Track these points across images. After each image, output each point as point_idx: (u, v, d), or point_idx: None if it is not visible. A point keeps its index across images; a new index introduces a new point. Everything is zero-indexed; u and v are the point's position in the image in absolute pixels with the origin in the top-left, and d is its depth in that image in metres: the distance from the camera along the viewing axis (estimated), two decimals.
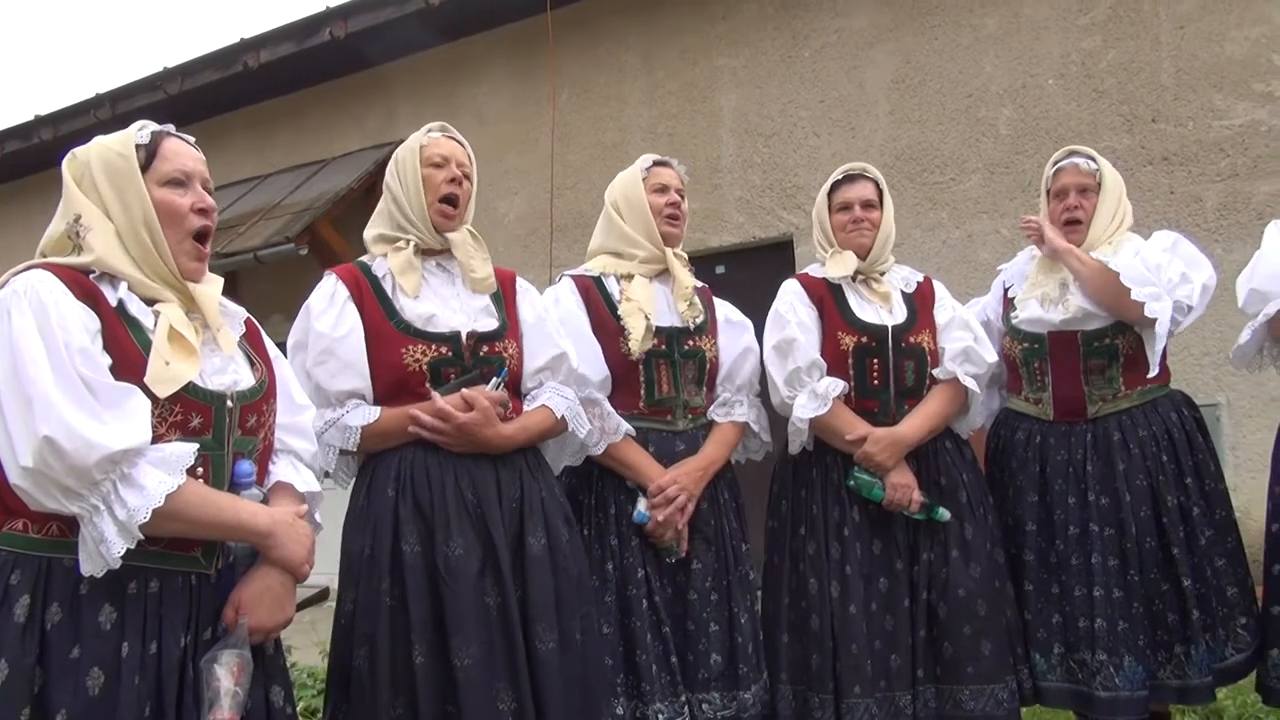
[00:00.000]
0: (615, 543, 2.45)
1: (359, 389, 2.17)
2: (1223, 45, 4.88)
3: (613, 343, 2.50)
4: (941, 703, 2.54)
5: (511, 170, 7.07)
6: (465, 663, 1.99)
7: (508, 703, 2.01)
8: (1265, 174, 4.73)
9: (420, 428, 2.11)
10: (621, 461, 2.47)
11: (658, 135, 6.46)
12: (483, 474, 2.14)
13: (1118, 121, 5.11)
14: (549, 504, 2.22)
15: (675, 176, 2.68)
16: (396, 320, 2.18)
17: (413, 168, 2.29)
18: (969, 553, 2.59)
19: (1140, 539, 2.59)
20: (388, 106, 7.64)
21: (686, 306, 2.57)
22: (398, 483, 2.12)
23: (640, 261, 2.60)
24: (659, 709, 2.35)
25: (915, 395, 2.65)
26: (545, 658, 2.07)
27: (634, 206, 2.62)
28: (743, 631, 2.49)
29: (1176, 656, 2.58)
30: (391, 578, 2.05)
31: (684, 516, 2.44)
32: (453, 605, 2.02)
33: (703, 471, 2.51)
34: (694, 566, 2.49)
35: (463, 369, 2.18)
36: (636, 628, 2.39)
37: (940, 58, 5.61)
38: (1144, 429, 2.64)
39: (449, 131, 2.38)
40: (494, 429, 2.14)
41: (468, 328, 2.21)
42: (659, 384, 2.53)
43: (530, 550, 2.13)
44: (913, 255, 5.35)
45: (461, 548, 2.06)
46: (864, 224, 2.72)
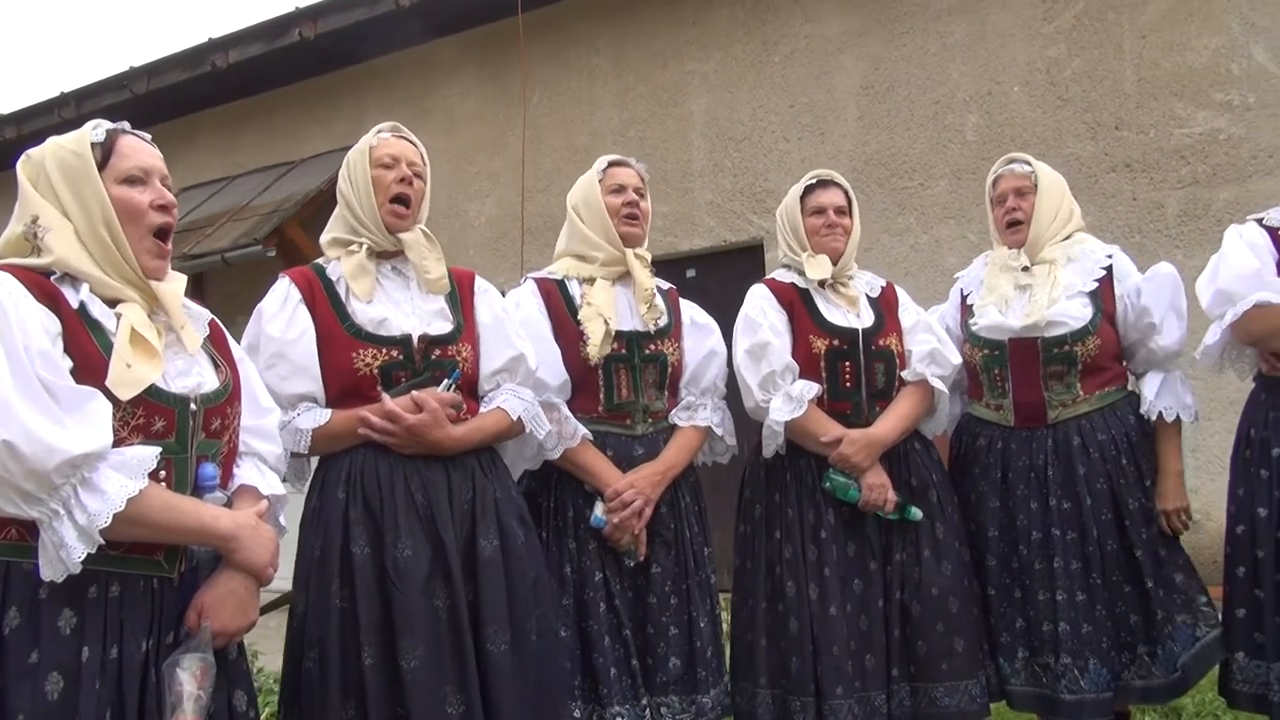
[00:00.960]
0: (573, 546, 2.46)
1: (310, 392, 2.17)
2: (1184, 55, 4.96)
3: (572, 347, 2.51)
4: (916, 701, 2.57)
5: (482, 173, 7.06)
6: (412, 664, 1.99)
7: (456, 706, 2.01)
8: (1224, 181, 4.82)
9: (370, 430, 2.11)
10: (579, 466, 2.47)
11: (629, 139, 6.47)
12: (433, 475, 2.14)
13: (1082, 129, 5.18)
14: (504, 505, 2.22)
15: (633, 176, 2.67)
16: (348, 324, 2.18)
17: (362, 169, 2.28)
18: (940, 552, 2.62)
19: (1102, 542, 2.62)
20: (357, 108, 7.60)
21: (647, 309, 2.57)
22: (348, 485, 2.12)
23: (601, 264, 2.61)
24: (618, 712, 2.36)
25: (885, 397, 2.68)
26: (497, 660, 2.07)
27: (592, 208, 2.63)
28: (702, 635, 2.49)
29: (1140, 657, 2.62)
30: (341, 580, 2.05)
31: (641, 521, 2.44)
32: (401, 607, 2.02)
33: (661, 476, 2.51)
34: (653, 570, 2.49)
35: (414, 372, 2.18)
36: (594, 631, 2.39)
37: (908, 64, 5.66)
38: (1103, 433, 2.68)
39: (399, 131, 2.37)
40: (443, 430, 2.14)
41: (420, 331, 2.21)
42: (618, 388, 2.53)
43: (482, 552, 2.13)
44: (881, 260, 5.40)
45: (410, 549, 2.06)
46: (837, 229, 2.74)
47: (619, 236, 2.61)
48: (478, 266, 6.98)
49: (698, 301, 2.85)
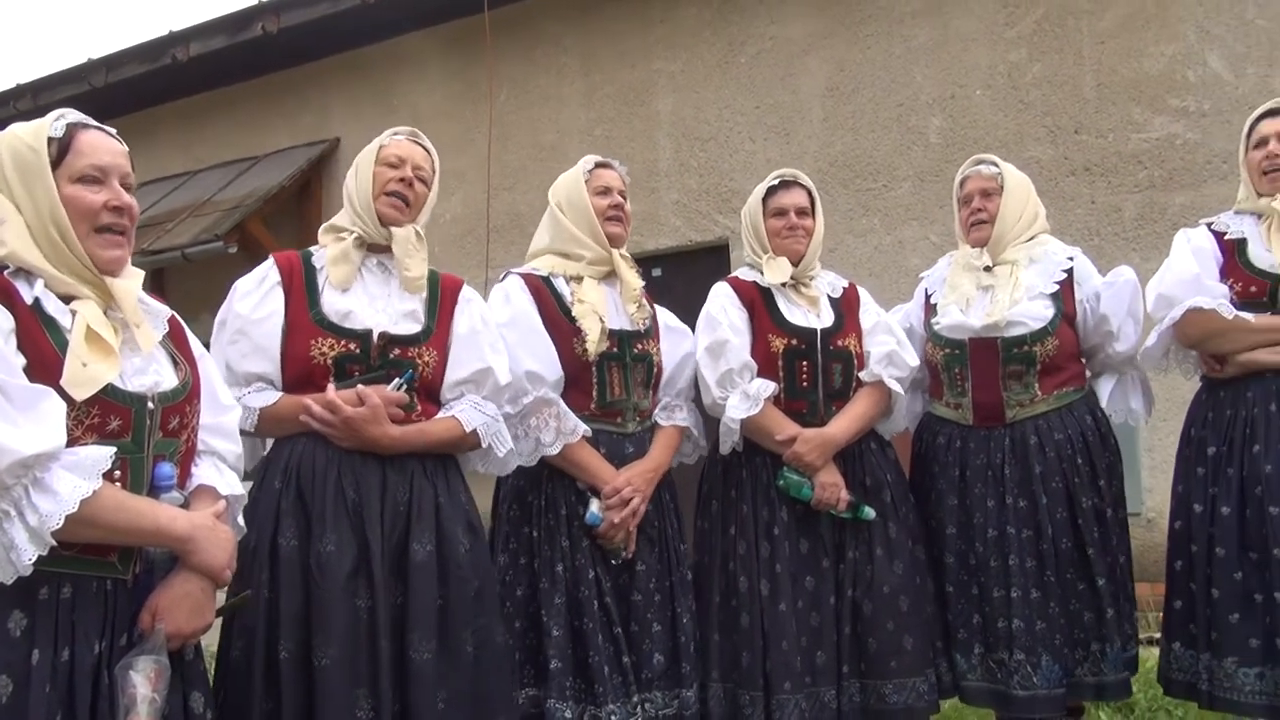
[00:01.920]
0: (566, 544, 2.45)
1: (266, 373, 2.17)
2: (1141, 61, 5.05)
3: (566, 343, 2.51)
4: (866, 697, 2.60)
5: (448, 170, 6.93)
6: (324, 662, 1.98)
7: (366, 710, 1.99)
8: (1179, 186, 4.91)
9: (310, 417, 2.10)
10: (575, 463, 2.47)
11: (595, 137, 6.47)
12: (368, 473, 2.13)
13: (1042, 132, 5.25)
14: (447, 511, 2.19)
15: (618, 178, 2.70)
16: (315, 312, 2.19)
17: (367, 165, 2.32)
18: (892, 551, 2.65)
19: (1056, 540, 2.66)
20: (322, 103, 7.53)
21: (636, 308, 2.59)
22: (284, 475, 2.11)
23: (588, 263, 2.62)
24: (612, 710, 2.36)
25: (842, 397, 2.71)
26: (419, 668, 2.04)
27: (577, 208, 2.63)
28: (684, 631, 2.52)
29: (1093, 654, 2.66)
30: (270, 571, 2.04)
31: (636, 518, 2.47)
32: (318, 602, 2.01)
33: (653, 473, 2.54)
34: (639, 568, 2.51)
35: (368, 367, 2.17)
36: (588, 629, 2.39)
37: (873, 67, 5.71)
38: (1059, 432, 2.72)
39: (416, 137, 2.38)
40: (381, 428, 2.12)
41: (383, 327, 2.20)
42: (611, 386, 2.54)
43: (414, 556, 2.11)
44: (845, 260, 5.44)
45: (334, 545, 2.05)
46: (799, 230, 2.77)
47: (606, 237, 2.62)
48: (443, 264, 6.93)
49: (663, 300, 2.86)
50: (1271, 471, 2.49)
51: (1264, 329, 2.55)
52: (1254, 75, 4.80)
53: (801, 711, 2.52)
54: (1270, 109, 2.70)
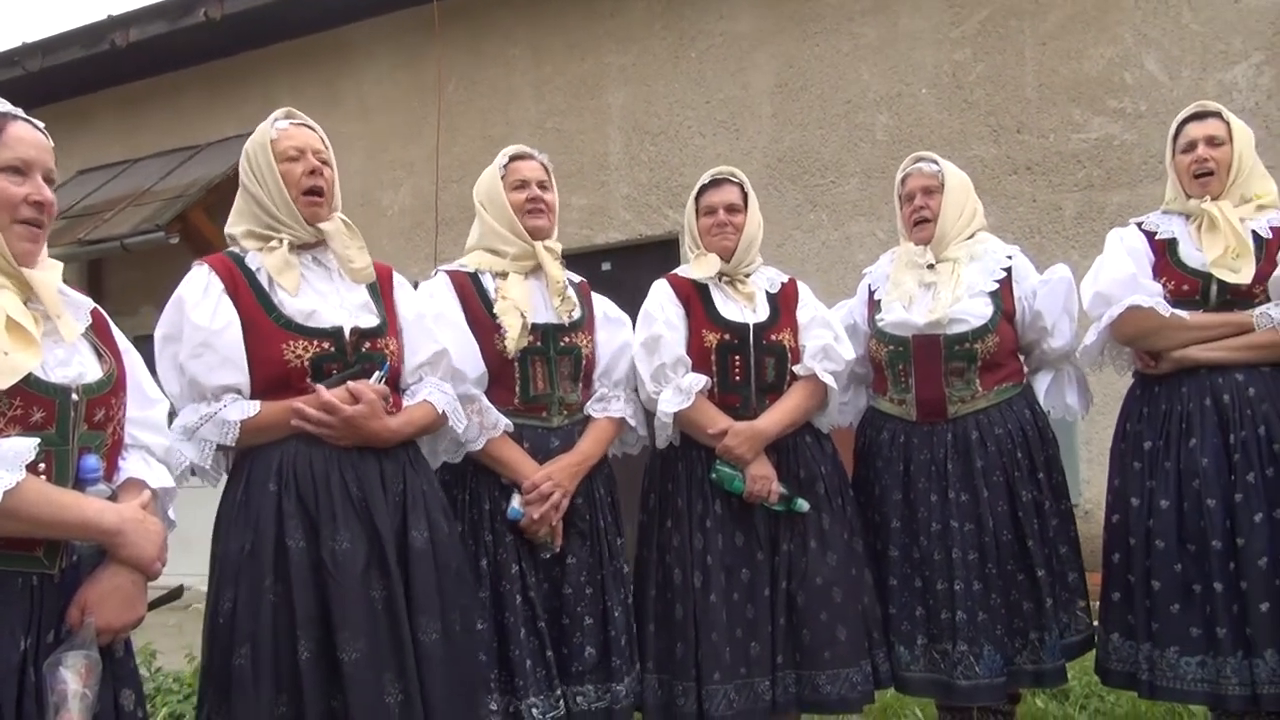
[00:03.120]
0: (489, 539, 2.46)
1: (237, 383, 2.12)
2: (1081, 62, 5.15)
3: (488, 339, 2.51)
4: (800, 687, 2.62)
5: (396, 161, 6.95)
6: (353, 656, 1.99)
7: (394, 695, 2.02)
8: (1117, 185, 5.03)
9: (305, 421, 2.08)
10: (497, 459, 2.48)
11: (546, 130, 6.45)
12: (367, 467, 2.14)
13: (985, 131, 5.34)
14: (430, 498, 2.23)
15: (535, 169, 2.67)
16: (276, 315, 2.14)
17: (267, 163, 2.22)
18: (826, 542, 2.67)
19: (998, 533, 2.70)
20: (266, 92, 7.39)
21: (560, 302, 2.59)
22: (280, 477, 2.08)
23: (512, 258, 2.61)
24: (533, 703, 2.38)
25: (776, 391, 2.73)
26: (429, 649, 2.08)
27: (496, 204, 2.63)
28: (616, 625, 2.53)
29: (1032, 642, 2.70)
30: (275, 574, 2.03)
31: (558, 513, 2.46)
32: (339, 599, 2.01)
33: (577, 467, 2.53)
34: (569, 561, 2.51)
35: (345, 364, 2.16)
36: (510, 623, 2.41)
37: (821, 64, 5.76)
38: (1000, 427, 2.76)
39: (297, 118, 2.31)
40: (380, 422, 2.13)
41: (350, 324, 2.19)
42: (534, 381, 2.54)
43: (414, 544, 2.14)
44: (793, 255, 5.49)
45: (348, 541, 2.05)
46: (727, 227, 2.78)
47: (526, 230, 2.62)
48: (391, 257, 6.88)
49: (613, 295, 2.86)
50: (1208, 465, 2.54)
51: (1198, 326, 2.61)
52: (1188, 78, 4.93)
53: (730, 701, 2.55)
54: (1194, 112, 2.77)
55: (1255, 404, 2.54)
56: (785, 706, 2.63)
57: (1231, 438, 2.54)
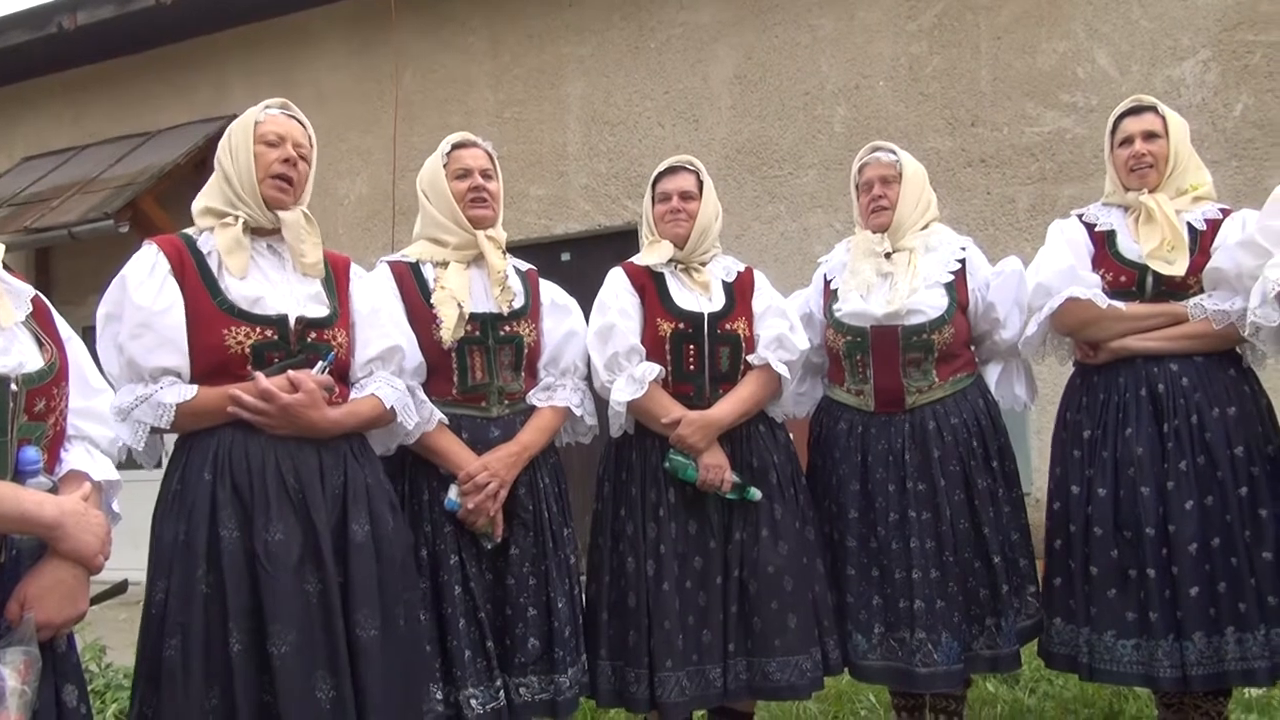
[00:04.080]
0: (429, 530, 2.45)
1: (176, 366, 2.08)
2: (1034, 57, 5.23)
3: (426, 330, 2.48)
4: (751, 674, 2.64)
5: (352, 150, 6.88)
6: (283, 650, 1.96)
7: (326, 691, 1.99)
8: (1069, 179, 5.11)
9: (241, 408, 2.05)
10: (433, 449, 2.46)
11: (504, 120, 6.41)
12: (305, 458, 2.10)
13: (941, 124, 5.40)
14: (374, 490, 2.20)
15: (479, 157, 2.64)
16: (220, 300, 2.11)
17: (245, 144, 2.21)
18: (778, 531, 2.68)
19: (954, 521, 2.73)
20: (219, 78, 7.29)
21: (500, 291, 2.57)
22: (215, 466, 2.05)
23: (454, 248, 2.59)
24: (472, 694, 2.37)
25: (730, 380, 2.73)
26: (366, 645, 2.05)
27: (438, 194, 2.61)
28: (560, 616, 2.51)
29: (988, 629, 2.74)
30: (208, 564, 1.99)
31: (496, 503, 2.45)
32: (270, 592, 1.98)
33: (516, 457, 2.51)
34: (512, 552, 2.50)
35: (288, 353, 2.13)
36: (449, 614, 2.40)
37: (779, 55, 5.79)
38: (955, 417, 2.80)
39: (289, 110, 2.30)
40: (319, 412, 2.10)
41: (297, 312, 2.15)
42: (472, 371, 2.52)
43: (354, 536, 2.11)
44: (751, 246, 5.52)
45: (281, 533, 2.02)
46: (681, 214, 2.78)
47: (468, 220, 2.59)
48: (347, 247, 6.80)
49: (573, 285, 2.85)
50: (1142, 453, 2.60)
51: (1135, 317, 2.67)
52: (1138, 73, 5.02)
53: (683, 688, 2.56)
54: (1131, 107, 2.82)
55: (1188, 394, 2.60)
56: (736, 693, 2.65)
57: (1165, 427, 2.60)
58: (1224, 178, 4.66)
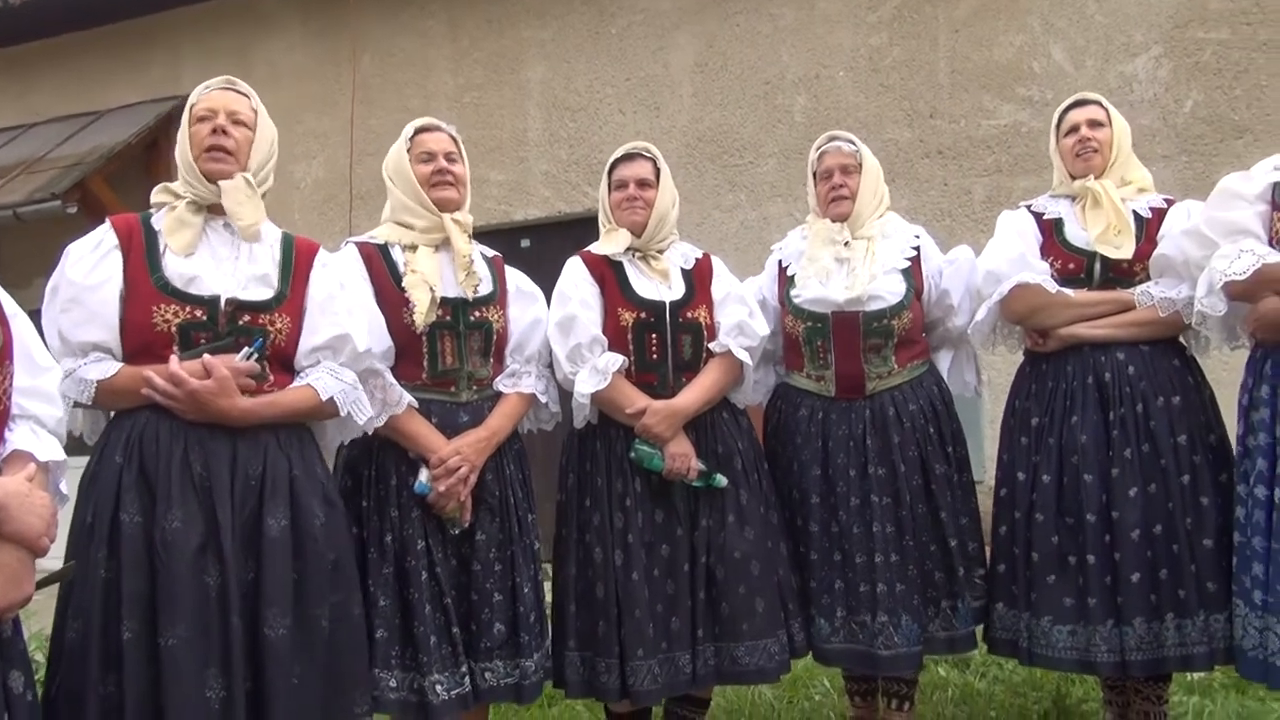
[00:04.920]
0: (395, 514, 2.43)
1: (104, 342, 2.06)
2: (991, 50, 5.29)
3: (396, 313, 2.47)
4: (720, 659, 2.66)
5: (309, 132, 6.78)
6: (170, 642, 1.92)
7: (217, 690, 1.94)
8: (1024, 171, 5.18)
9: (152, 390, 2.02)
10: (403, 433, 2.44)
11: (464, 105, 6.36)
12: (216, 446, 2.05)
13: (900, 115, 5.45)
14: (301, 484, 2.14)
15: (442, 140, 2.63)
16: (156, 277, 2.09)
17: (185, 126, 2.24)
18: (744, 517, 2.71)
19: (914, 506, 2.77)
20: (172, 57, 7.14)
21: (465, 276, 2.55)
22: (126, 449, 2.02)
23: (421, 231, 2.58)
24: (437, 680, 2.36)
25: (692, 368, 2.74)
26: (273, 644, 2.00)
27: (404, 178, 2.60)
28: (525, 601, 2.52)
29: (944, 611, 2.78)
30: (109, 548, 1.96)
31: (466, 487, 2.44)
32: (164, 581, 1.94)
33: (486, 442, 2.50)
34: (478, 538, 2.50)
35: (215, 335, 2.09)
36: (415, 599, 2.38)
37: (740, 44, 5.80)
38: (913, 403, 2.83)
39: (230, 85, 2.28)
40: (229, 400, 2.05)
41: (231, 293, 2.12)
42: (443, 355, 2.51)
43: (268, 531, 2.05)
44: (711, 235, 5.53)
45: (180, 521, 1.98)
46: (637, 202, 2.78)
47: (434, 203, 2.58)
48: (303, 230, 6.70)
49: (532, 272, 2.84)
50: (1087, 441, 2.65)
51: (1082, 304, 2.72)
52: (1092, 68, 5.10)
53: (654, 676, 2.58)
54: (1076, 101, 2.89)
55: (1134, 382, 2.66)
56: (705, 679, 2.67)
57: (1111, 415, 2.65)
58: (1174, 172, 4.75)
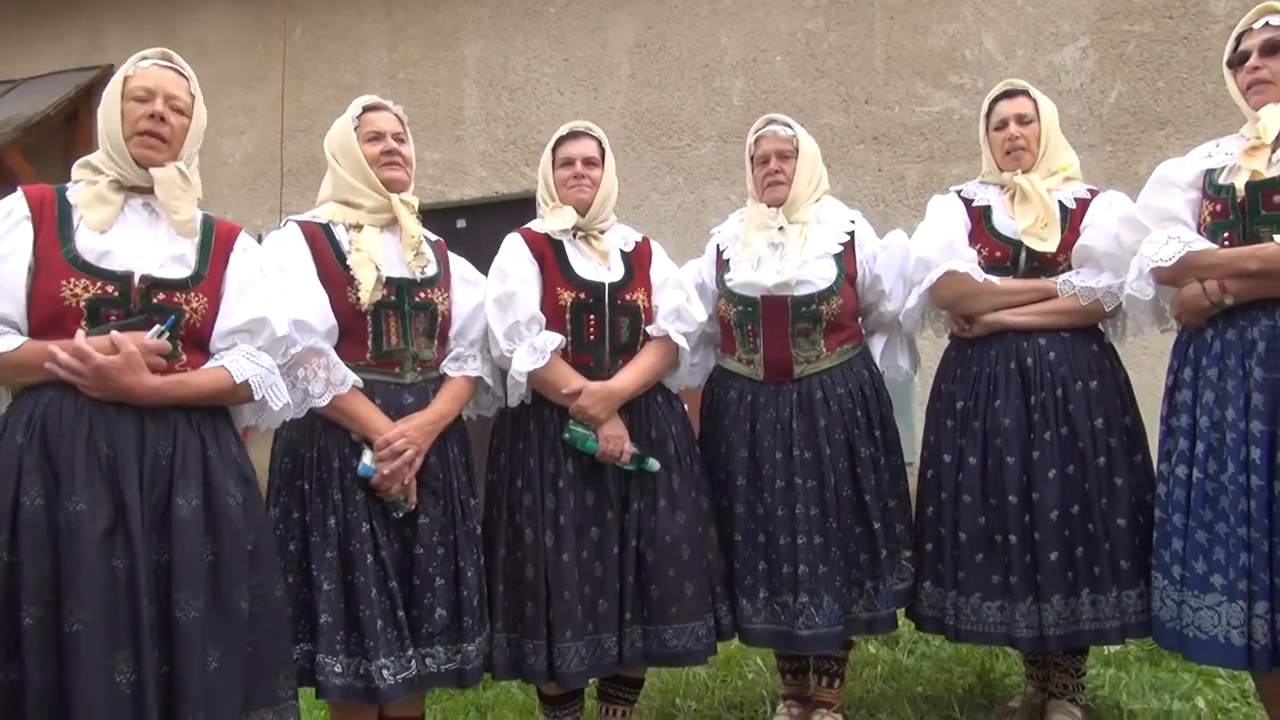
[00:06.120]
0: (338, 497, 2.40)
1: (8, 315, 2.00)
2: (925, 38, 5.35)
3: (340, 292, 2.44)
4: (647, 642, 2.68)
5: (237, 107, 6.61)
6: (75, 628, 1.87)
7: (126, 674, 1.90)
8: (956, 158, 5.27)
9: (56, 365, 1.96)
10: (347, 414, 2.42)
11: (398, 81, 6.25)
12: (123, 426, 2.00)
13: (836, 101, 5.50)
14: (216, 464, 2.10)
15: (390, 120, 2.61)
16: (66, 250, 2.03)
17: (114, 100, 2.15)
18: (675, 501, 2.73)
19: (838, 489, 2.82)
20: (95, 25, 6.89)
21: (413, 256, 2.53)
22: (28, 429, 1.96)
23: (368, 211, 2.55)
24: (384, 664, 2.35)
25: (629, 351, 2.75)
26: (185, 627, 1.96)
27: (350, 157, 2.56)
28: (468, 585, 2.51)
29: (867, 592, 2.84)
30: (11, 532, 1.91)
31: (411, 470, 2.43)
32: (69, 565, 1.89)
33: (432, 425, 2.49)
34: (421, 521, 2.48)
35: (127, 312, 2.04)
36: (360, 583, 2.36)
37: (679, 25, 5.78)
38: (841, 387, 2.88)
39: (167, 61, 2.22)
40: (136, 377, 1.99)
41: (145, 270, 2.07)
42: (387, 335, 2.49)
43: (178, 512, 2.01)
44: (649, 217, 5.53)
45: (86, 503, 1.93)
46: (585, 180, 2.78)
47: (381, 182, 2.55)
48: (233, 208, 6.57)
49: (469, 253, 2.82)
50: (1009, 424, 2.73)
51: (1008, 291, 2.79)
52: (1022, 58, 5.20)
53: (582, 658, 2.59)
54: (1005, 90, 2.95)
55: (1054, 367, 2.74)
56: (633, 661, 2.69)
57: (1032, 399, 2.73)
58: (1098, 161, 4.87)
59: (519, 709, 3.38)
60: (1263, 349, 2.30)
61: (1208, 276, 2.37)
